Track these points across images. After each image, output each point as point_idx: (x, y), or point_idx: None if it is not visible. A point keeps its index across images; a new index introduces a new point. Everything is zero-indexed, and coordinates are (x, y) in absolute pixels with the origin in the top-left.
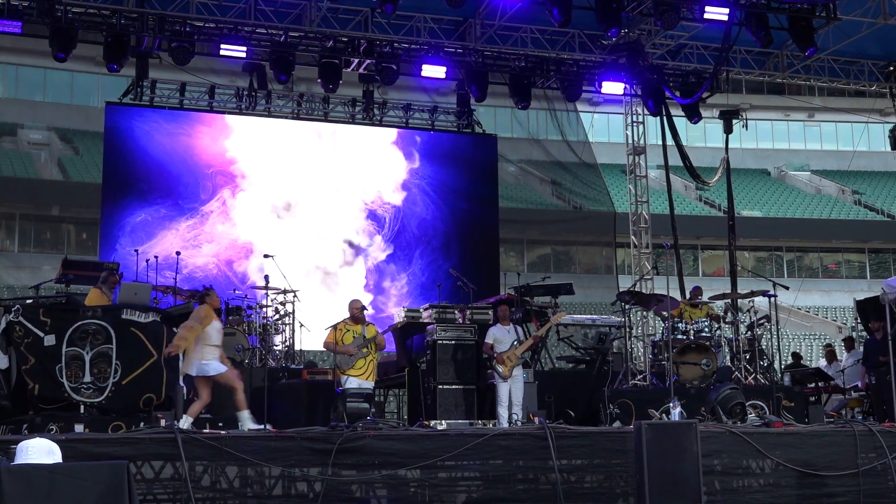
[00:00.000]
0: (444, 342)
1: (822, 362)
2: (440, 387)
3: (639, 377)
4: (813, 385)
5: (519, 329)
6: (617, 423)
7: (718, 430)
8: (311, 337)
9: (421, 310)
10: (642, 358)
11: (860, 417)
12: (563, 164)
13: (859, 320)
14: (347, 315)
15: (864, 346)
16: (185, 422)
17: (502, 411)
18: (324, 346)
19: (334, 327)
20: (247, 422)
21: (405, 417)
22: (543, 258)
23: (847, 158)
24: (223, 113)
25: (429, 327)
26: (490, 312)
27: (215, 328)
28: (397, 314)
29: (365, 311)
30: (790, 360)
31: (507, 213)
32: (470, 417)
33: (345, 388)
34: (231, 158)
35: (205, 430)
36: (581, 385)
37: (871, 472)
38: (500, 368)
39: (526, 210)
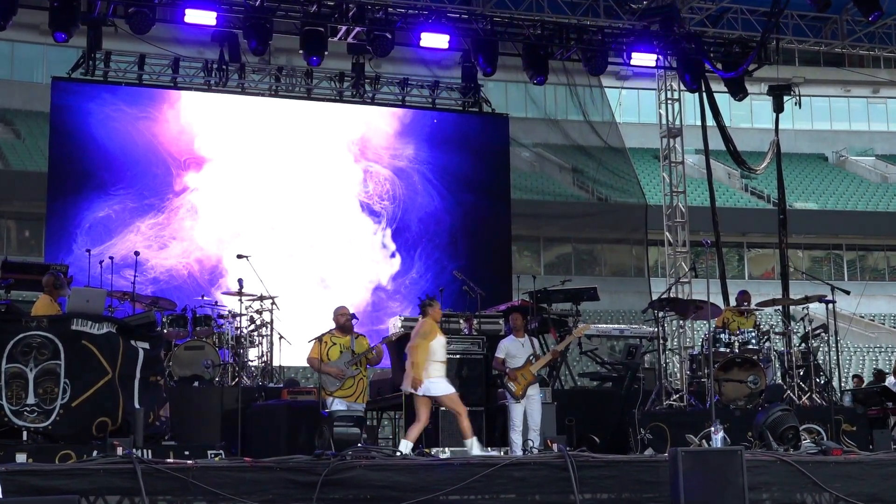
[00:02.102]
0: (448, 357)
1: (891, 379)
2: (443, 409)
3: (675, 397)
4: (879, 406)
5: (535, 341)
6: (649, 451)
7: (768, 458)
8: (292, 351)
9: (420, 318)
10: (679, 374)
11: None
12: (586, 148)
13: None
14: (333, 325)
15: None
16: (405, 447)
17: (515, 437)
18: (307, 363)
19: (319, 339)
20: (475, 450)
21: None
22: (563, 258)
23: None
24: (189, 90)
25: None
26: (501, 322)
27: (440, 343)
28: (393, 324)
29: (355, 321)
30: (870, 378)
31: (521, 205)
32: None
33: (331, 410)
34: (199, 144)
35: (168, 460)
36: (607, 406)
37: None
38: (512, 387)
39: (543, 202)
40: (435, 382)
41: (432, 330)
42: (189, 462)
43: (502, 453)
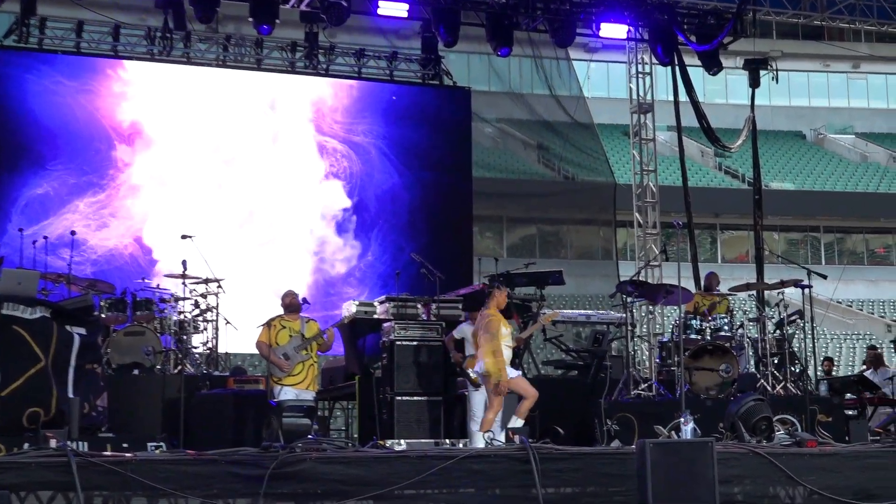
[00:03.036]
0: (404, 343)
1: (867, 368)
2: (399, 398)
3: (643, 386)
4: (855, 396)
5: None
6: (616, 443)
7: (740, 450)
8: (239, 337)
9: (376, 303)
10: (647, 363)
11: None
12: (552, 124)
13: None
14: (282, 310)
15: None
16: (517, 423)
17: (475, 428)
18: (256, 348)
19: (268, 324)
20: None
21: (355, 436)
22: (527, 240)
23: None
24: (131, 59)
25: (385, 325)
26: (460, 307)
27: (506, 331)
28: (346, 308)
29: (306, 305)
30: (861, 363)
31: (483, 184)
32: (436, 436)
33: (280, 399)
34: (142, 117)
35: (105, 453)
36: (572, 396)
37: None
38: (472, 375)
39: (506, 181)
40: (509, 366)
41: (496, 316)
42: (128, 455)
43: (461, 445)
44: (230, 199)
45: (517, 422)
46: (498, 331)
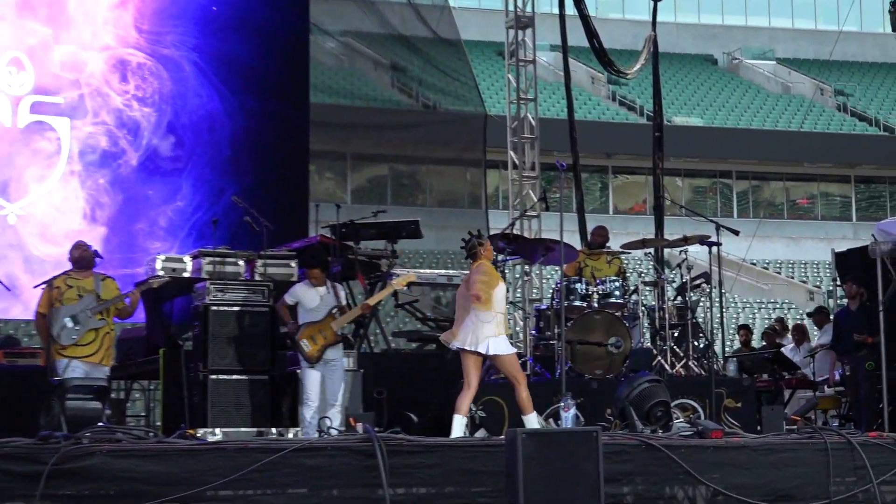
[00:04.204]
0: (222, 308)
1: (786, 343)
2: (213, 377)
3: None
4: (770, 377)
5: (340, 290)
6: (481, 432)
7: (631, 441)
8: (12, 301)
9: (186, 258)
10: (521, 335)
11: (836, 423)
12: (410, 39)
13: (839, 282)
14: (70, 265)
15: (834, 322)
16: (460, 423)
17: (308, 413)
18: (35, 317)
19: (49, 285)
20: (535, 425)
21: (158, 424)
22: (377, 182)
23: (828, 42)
24: None
25: (197, 286)
26: (294, 264)
27: (502, 291)
28: (149, 265)
29: (99, 259)
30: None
31: (323, 111)
32: (259, 424)
33: (64, 377)
34: None
35: None
36: (429, 375)
37: (850, 502)
38: (306, 347)
39: (351, 108)
40: (498, 340)
41: (494, 276)
42: None
43: (291, 435)
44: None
45: (531, 418)
46: (492, 271)
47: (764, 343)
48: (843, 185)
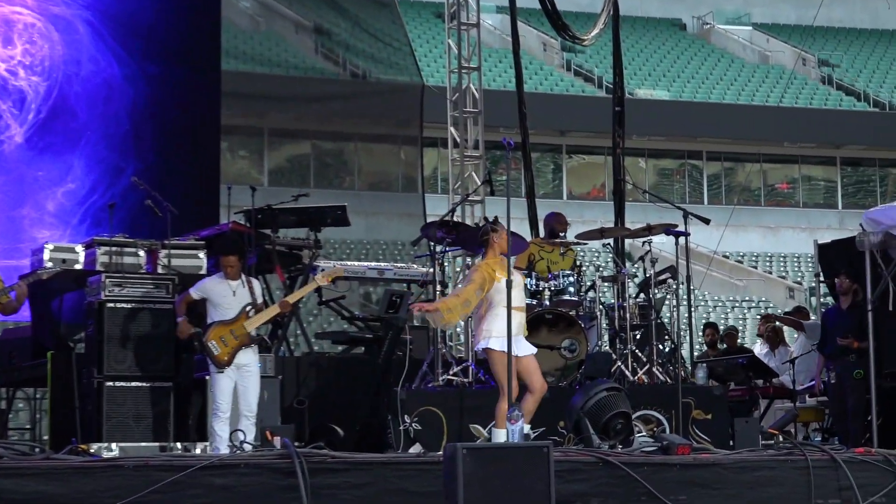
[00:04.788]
0: (119, 305)
1: (760, 347)
2: (109, 384)
3: (456, 369)
4: (744, 385)
5: (256, 285)
6: (417, 447)
7: (586, 458)
8: None
9: (79, 248)
10: (462, 337)
11: (818, 438)
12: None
13: (823, 277)
14: None
15: (822, 321)
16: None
17: (219, 426)
18: None
19: None
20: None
21: (45, 438)
22: (298, 162)
23: (812, 6)
24: None
25: (91, 279)
26: (202, 255)
27: (518, 283)
28: (36, 256)
29: None
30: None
31: (237, 81)
32: (162, 438)
33: None
34: None
35: None
36: (357, 382)
37: None
38: (215, 349)
39: (269, 78)
40: (519, 340)
41: (488, 270)
42: None
43: (199, 451)
44: None
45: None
46: (483, 281)
47: (725, 346)
48: (827, 168)
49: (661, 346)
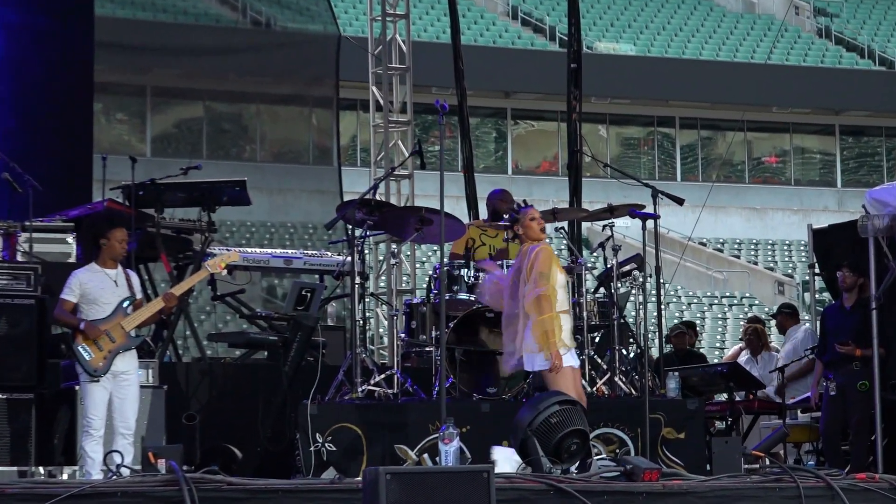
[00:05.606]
0: None
1: (741, 353)
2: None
3: (378, 377)
4: (724, 398)
5: (134, 276)
6: (331, 472)
7: (535, 485)
8: None
9: None
10: (387, 339)
11: (811, 462)
12: None
13: (818, 269)
14: None
15: (821, 322)
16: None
17: (91, 446)
18: None
19: None
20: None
21: None
22: (188, 128)
23: None
24: None
25: None
26: (71, 239)
27: (560, 283)
28: None
29: None
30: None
31: (113, 29)
32: (21, 461)
33: None
34: None
35: None
36: (258, 394)
37: None
38: (86, 354)
39: (152, 25)
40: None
41: (552, 258)
42: None
43: (66, 476)
44: None
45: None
46: (550, 271)
47: (672, 349)
48: (824, 139)
49: (624, 352)
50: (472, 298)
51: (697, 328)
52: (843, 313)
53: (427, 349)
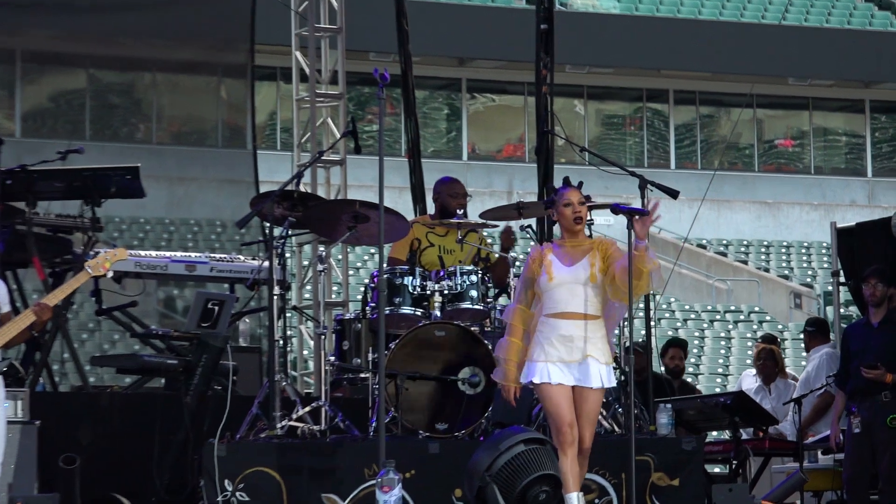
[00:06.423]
0: None
1: (751, 379)
2: None
3: (303, 410)
4: (729, 436)
5: (1, 284)
6: None
7: None
8: None
9: None
10: (312, 363)
11: None
12: None
13: (844, 277)
14: None
15: (843, 344)
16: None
17: None
18: None
19: None
20: None
21: None
22: (67, 102)
23: None
24: None
25: None
26: None
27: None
28: None
29: None
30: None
31: None
32: None
33: None
34: None
35: None
36: (153, 431)
37: None
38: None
39: None
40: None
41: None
42: None
43: None
44: None
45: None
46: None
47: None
48: (851, 118)
49: None
50: (418, 313)
51: (696, 349)
52: (870, 332)
53: (362, 376)
